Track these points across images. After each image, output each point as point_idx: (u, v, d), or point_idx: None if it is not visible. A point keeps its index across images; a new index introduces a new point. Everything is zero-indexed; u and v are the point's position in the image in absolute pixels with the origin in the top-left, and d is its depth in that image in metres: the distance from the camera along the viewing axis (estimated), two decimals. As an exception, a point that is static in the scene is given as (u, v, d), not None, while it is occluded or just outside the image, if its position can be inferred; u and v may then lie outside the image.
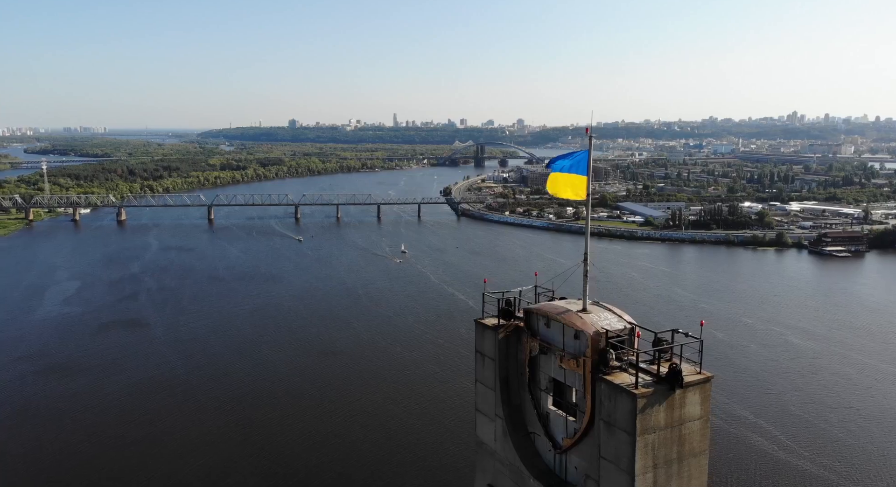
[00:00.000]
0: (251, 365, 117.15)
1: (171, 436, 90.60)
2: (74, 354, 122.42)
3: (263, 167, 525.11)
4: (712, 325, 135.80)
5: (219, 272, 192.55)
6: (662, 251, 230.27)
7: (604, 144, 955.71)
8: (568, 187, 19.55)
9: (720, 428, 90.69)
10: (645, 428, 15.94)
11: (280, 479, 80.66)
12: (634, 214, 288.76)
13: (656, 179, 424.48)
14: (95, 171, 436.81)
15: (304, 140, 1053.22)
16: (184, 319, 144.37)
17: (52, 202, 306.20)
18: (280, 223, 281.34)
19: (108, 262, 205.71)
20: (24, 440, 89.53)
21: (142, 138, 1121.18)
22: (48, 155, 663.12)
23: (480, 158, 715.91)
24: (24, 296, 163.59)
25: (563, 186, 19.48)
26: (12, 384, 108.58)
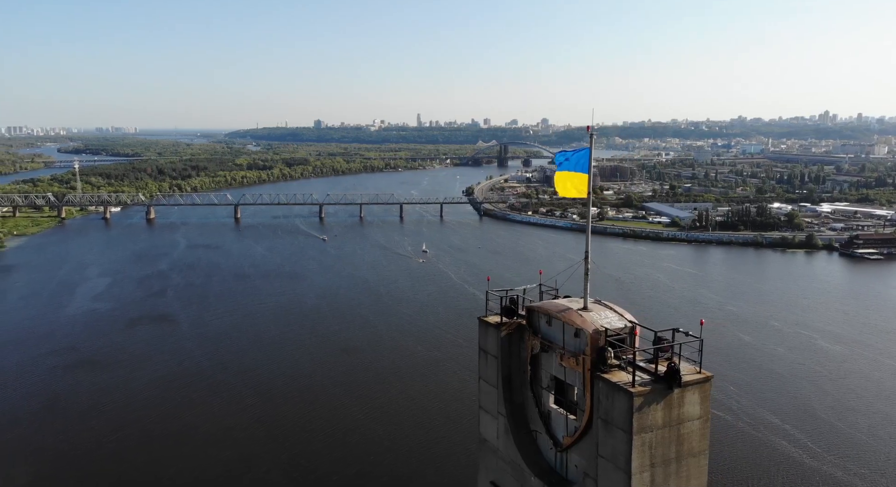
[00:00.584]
0: (274, 361, 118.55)
1: (195, 431, 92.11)
2: (103, 349, 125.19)
3: (289, 167, 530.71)
4: (739, 328, 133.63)
5: (244, 270, 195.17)
6: (688, 252, 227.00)
7: (630, 144, 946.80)
8: (571, 185, 19.49)
9: (745, 432, 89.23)
10: (642, 427, 15.78)
11: (301, 474, 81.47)
12: (660, 215, 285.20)
13: (683, 179, 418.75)
14: (126, 171, 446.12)
15: (329, 140, 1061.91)
16: (209, 316, 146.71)
17: (84, 200, 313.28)
18: (304, 222, 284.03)
19: (136, 259, 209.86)
20: (52, 433, 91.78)
21: (171, 138, 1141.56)
22: (80, 154, 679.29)
23: (503, 158, 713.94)
24: (55, 292, 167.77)
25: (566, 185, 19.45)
26: (43, 377, 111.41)
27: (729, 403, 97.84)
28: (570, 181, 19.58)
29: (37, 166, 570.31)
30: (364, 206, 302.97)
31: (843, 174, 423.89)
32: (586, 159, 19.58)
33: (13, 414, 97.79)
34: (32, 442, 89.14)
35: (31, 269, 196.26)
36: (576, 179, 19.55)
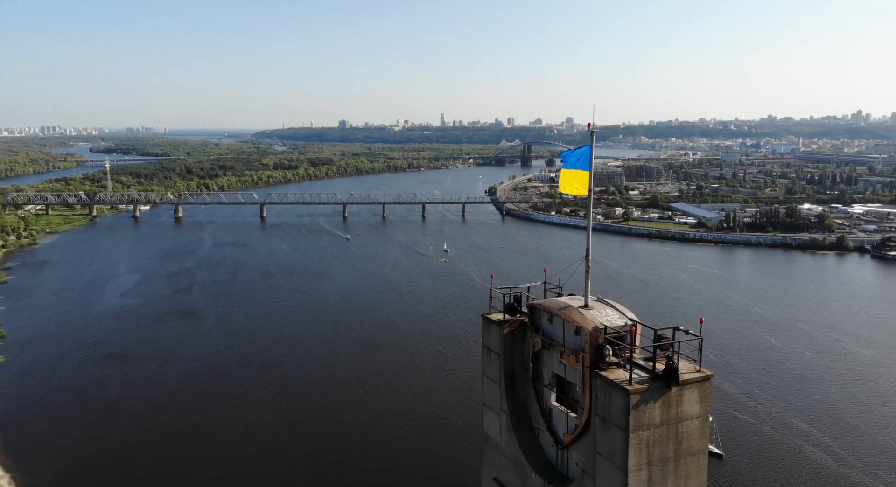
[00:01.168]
0: (297, 357, 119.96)
1: (219, 426, 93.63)
2: (131, 344, 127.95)
3: (314, 167, 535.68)
4: (766, 331, 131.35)
5: (269, 267, 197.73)
6: (715, 253, 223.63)
7: (656, 143, 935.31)
8: (575, 183, 19.58)
9: (770, 436, 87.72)
10: (639, 425, 15.71)
11: (321, 470, 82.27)
12: (686, 215, 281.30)
13: (710, 180, 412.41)
14: (155, 170, 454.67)
15: (354, 140, 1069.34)
16: (234, 312, 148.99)
17: (115, 199, 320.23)
18: (328, 221, 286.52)
19: (165, 257, 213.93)
20: (80, 426, 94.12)
21: (199, 138, 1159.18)
22: (111, 154, 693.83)
23: (527, 157, 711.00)
24: (86, 288, 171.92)
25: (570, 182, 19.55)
26: (73, 371, 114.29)
27: (754, 406, 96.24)
28: (573, 179, 19.69)
29: (69, 165, 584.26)
30: (387, 206, 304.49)
31: (876, 175, 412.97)
32: (587, 157, 19.64)
33: (44, 407, 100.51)
34: (61, 434, 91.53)
35: (63, 265, 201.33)
36: (578, 177, 19.64)
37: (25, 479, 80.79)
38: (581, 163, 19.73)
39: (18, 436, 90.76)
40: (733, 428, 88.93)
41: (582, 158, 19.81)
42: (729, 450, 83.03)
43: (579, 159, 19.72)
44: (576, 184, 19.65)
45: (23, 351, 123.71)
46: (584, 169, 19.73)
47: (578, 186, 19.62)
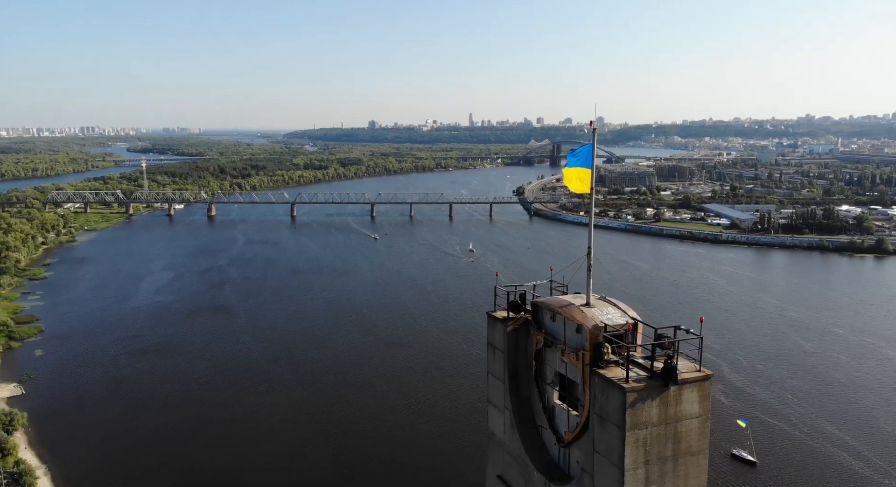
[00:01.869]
0: (323, 354, 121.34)
1: (248, 420, 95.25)
2: (164, 339, 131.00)
3: (343, 167, 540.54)
4: (800, 335, 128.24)
5: (299, 265, 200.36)
6: (749, 256, 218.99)
7: (689, 143, 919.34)
8: (578, 181, 19.72)
9: (802, 442, 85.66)
10: (636, 423, 15.57)
11: (346, 466, 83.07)
12: (719, 216, 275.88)
13: (745, 180, 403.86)
14: (190, 169, 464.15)
15: (383, 140, 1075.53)
16: (264, 309, 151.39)
17: (150, 197, 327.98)
18: (357, 220, 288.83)
19: (198, 254, 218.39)
20: (113, 418, 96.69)
21: (233, 138, 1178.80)
22: (148, 153, 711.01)
23: (556, 157, 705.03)
24: (121, 284, 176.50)
25: (574, 180, 19.72)
26: (107, 365, 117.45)
27: (786, 412, 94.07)
28: (577, 176, 19.81)
29: (107, 165, 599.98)
30: (414, 206, 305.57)
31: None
32: (590, 154, 19.75)
33: (79, 399, 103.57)
34: (95, 427, 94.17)
35: (99, 262, 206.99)
36: (581, 174, 19.77)
37: (60, 470, 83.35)
38: (583, 161, 19.82)
39: (54, 428, 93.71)
40: (766, 434, 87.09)
41: (586, 156, 19.90)
42: (762, 457, 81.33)
43: (583, 157, 19.81)
44: (579, 182, 19.78)
45: (60, 344, 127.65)
46: (586, 166, 19.80)
47: (581, 184, 19.75)
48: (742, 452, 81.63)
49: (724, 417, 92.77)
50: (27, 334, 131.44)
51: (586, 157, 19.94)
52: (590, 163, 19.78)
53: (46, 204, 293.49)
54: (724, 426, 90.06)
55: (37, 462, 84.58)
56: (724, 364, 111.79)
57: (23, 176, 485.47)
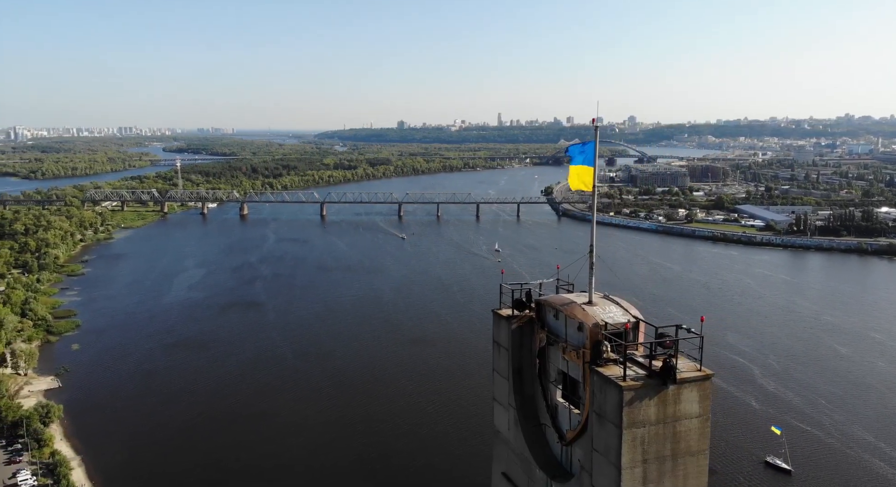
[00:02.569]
0: (350, 351, 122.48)
1: (276, 416, 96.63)
2: (196, 334, 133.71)
3: (372, 166, 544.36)
4: (835, 340, 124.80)
5: (327, 263, 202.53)
6: (784, 258, 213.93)
7: (723, 143, 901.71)
8: (581, 179, 19.52)
9: (835, 448, 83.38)
10: (633, 422, 15.36)
11: (370, 463, 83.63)
12: (754, 218, 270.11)
13: (780, 181, 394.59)
14: (223, 169, 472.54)
15: (411, 140, 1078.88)
16: (293, 305, 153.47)
17: (184, 196, 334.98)
18: (384, 220, 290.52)
19: (230, 251, 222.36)
20: (145, 411, 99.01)
21: (265, 138, 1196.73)
22: (183, 153, 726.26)
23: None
24: (156, 280, 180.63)
25: (577, 179, 19.55)
26: (141, 359, 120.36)
27: (819, 418, 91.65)
28: (580, 175, 19.64)
29: (144, 164, 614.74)
30: (441, 205, 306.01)
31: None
32: (592, 153, 19.54)
33: (113, 392, 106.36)
34: (129, 419, 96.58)
35: (135, 259, 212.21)
36: (583, 172, 19.59)
37: (94, 462, 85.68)
38: (586, 159, 19.65)
39: (88, 421, 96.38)
40: (800, 441, 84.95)
41: (589, 154, 19.70)
42: (797, 465, 79.36)
43: (587, 155, 19.63)
44: (583, 180, 19.63)
45: (96, 338, 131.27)
46: (589, 165, 19.61)
47: (584, 182, 19.59)
48: (776, 460, 79.77)
49: (757, 423, 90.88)
50: (65, 328, 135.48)
51: (589, 155, 19.77)
52: (592, 162, 19.61)
53: (85, 202, 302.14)
54: (757, 432, 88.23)
55: (71, 453, 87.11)
56: (756, 368, 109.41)
57: (63, 175, 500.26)
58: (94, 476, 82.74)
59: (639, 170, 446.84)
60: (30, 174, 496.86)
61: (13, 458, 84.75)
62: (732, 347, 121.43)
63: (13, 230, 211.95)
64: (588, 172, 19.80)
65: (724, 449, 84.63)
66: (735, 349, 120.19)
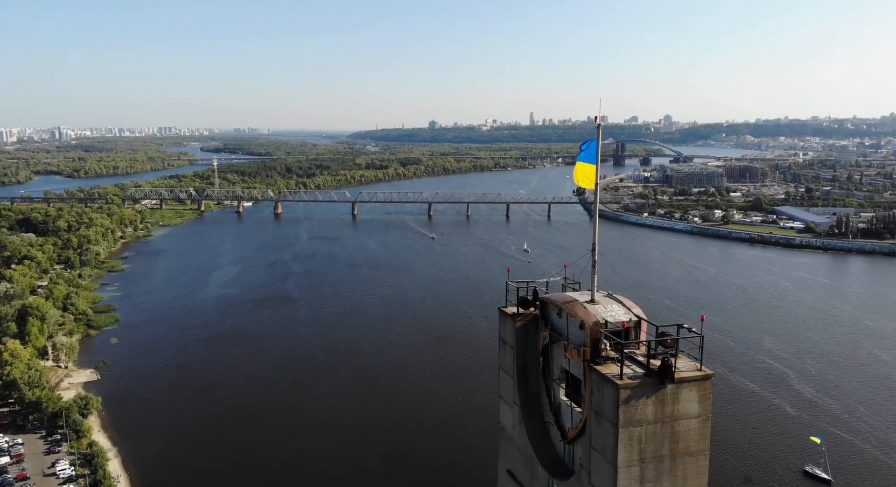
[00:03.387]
0: (378, 348, 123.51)
1: (306, 410, 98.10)
2: (229, 329, 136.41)
3: (403, 166, 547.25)
4: (876, 345, 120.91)
5: (357, 261, 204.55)
6: (824, 261, 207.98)
7: (762, 143, 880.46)
8: (585, 177, 19.65)
9: (876, 459, 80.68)
10: (629, 420, 15.22)
11: (394, 460, 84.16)
12: (793, 220, 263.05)
13: (822, 182, 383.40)
14: (258, 169, 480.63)
15: (443, 140, 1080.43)
16: (324, 302, 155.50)
17: (220, 195, 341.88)
18: (414, 219, 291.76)
19: (264, 249, 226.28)
20: (179, 404, 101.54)
21: (299, 139, 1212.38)
22: (220, 153, 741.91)
23: (620, 156, 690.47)
24: (192, 276, 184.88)
25: (582, 176, 19.69)
26: (176, 352, 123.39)
27: (858, 426, 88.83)
28: (584, 172, 19.75)
29: (182, 164, 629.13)
30: (471, 205, 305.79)
31: None
32: (594, 150, 19.63)
33: (149, 385, 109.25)
34: (164, 411, 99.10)
35: (173, 256, 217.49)
36: (587, 170, 19.68)
37: (129, 453, 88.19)
38: (589, 157, 19.75)
39: (125, 412, 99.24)
40: (839, 450, 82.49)
41: (591, 152, 19.79)
42: (836, 475, 77.11)
43: (590, 153, 19.73)
44: (586, 177, 19.78)
45: (134, 332, 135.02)
46: (591, 162, 19.70)
47: (588, 179, 19.74)
48: (816, 469, 77.61)
49: (794, 430, 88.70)
50: (104, 323, 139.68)
51: (592, 153, 19.85)
52: (594, 159, 19.69)
53: (125, 200, 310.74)
54: (793, 439, 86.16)
55: (108, 444, 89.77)
56: (792, 372, 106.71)
57: (105, 173, 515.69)
58: (130, 467, 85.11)
59: (674, 170, 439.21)
60: (73, 172, 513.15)
61: (52, 448, 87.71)
62: (768, 351, 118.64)
63: (57, 227, 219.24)
64: (591, 170, 19.82)
65: (760, 457, 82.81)
66: (770, 353, 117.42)
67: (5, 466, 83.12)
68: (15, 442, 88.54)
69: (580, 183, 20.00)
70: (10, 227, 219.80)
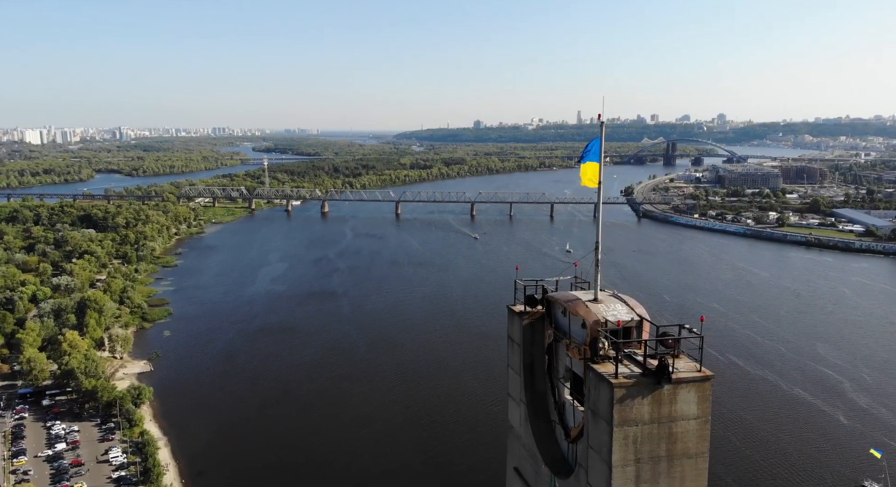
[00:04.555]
0: (419, 345, 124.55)
1: (347, 405, 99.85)
2: (277, 323, 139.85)
3: (447, 166, 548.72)
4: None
5: (399, 259, 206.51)
6: (885, 266, 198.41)
7: (822, 142, 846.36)
8: (589, 175, 19.47)
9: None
10: (624, 420, 14.99)
11: (432, 458, 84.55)
12: (853, 223, 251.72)
13: (885, 183, 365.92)
14: (307, 168, 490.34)
15: (487, 140, 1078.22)
16: (367, 299, 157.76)
17: (270, 194, 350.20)
18: (456, 219, 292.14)
19: (310, 246, 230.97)
20: (226, 397, 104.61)
21: (347, 139, 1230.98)
22: (270, 153, 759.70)
23: (671, 156, 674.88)
24: (242, 272, 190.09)
25: (587, 175, 19.55)
26: (225, 346, 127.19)
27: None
28: (589, 171, 19.56)
29: (234, 163, 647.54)
30: (514, 205, 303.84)
31: None
32: (598, 149, 19.43)
33: (199, 377, 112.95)
34: (212, 403, 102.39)
35: (224, 252, 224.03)
36: (590, 169, 19.47)
37: (178, 442, 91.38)
38: (594, 156, 19.55)
39: (176, 403, 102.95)
40: None
41: (595, 151, 19.59)
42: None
43: (594, 152, 19.56)
44: (589, 176, 19.62)
45: (186, 325, 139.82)
46: (594, 161, 19.51)
47: (591, 179, 19.56)
48: (875, 485, 74.14)
49: (850, 443, 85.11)
50: (158, 316, 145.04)
51: (595, 152, 19.69)
52: (598, 157, 19.53)
53: (180, 198, 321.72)
54: (849, 452, 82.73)
55: (159, 433, 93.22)
56: (846, 381, 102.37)
57: (161, 172, 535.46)
58: (178, 456, 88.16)
59: (727, 171, 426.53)
60: (132, 171, 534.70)
61: (106, 436, 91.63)
62: (821, 358, 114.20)
63: (115, 223, 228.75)
64: (595, 169, 19.67)
65: (813, 469, 79.83)
66: (824, 360, 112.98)
67: (62, 452, 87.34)
68: (71, 429, 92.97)
69: (586, 183, 19.88)
70: (72, 223, 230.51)
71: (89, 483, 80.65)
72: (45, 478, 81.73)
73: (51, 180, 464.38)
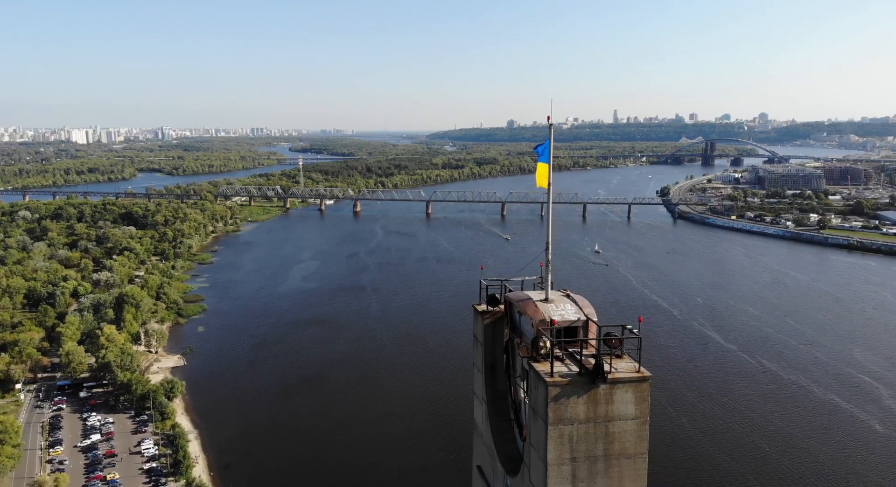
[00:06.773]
0: (444, 345, 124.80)
1: (372, 403, 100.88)
2: (307, 320, 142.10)
3: (478, 166, 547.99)
4: None
5: (428, 257, 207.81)
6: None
7: (868, 142, 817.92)
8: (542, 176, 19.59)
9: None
10: (559, 418, 15.01)
11: (453, 461, 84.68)
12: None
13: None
14: (341, 168, 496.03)
15: (521, 139, 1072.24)
16: (395, 297, 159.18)
17: (305, 193, 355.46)
18: (486, 218, 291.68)
19: (342, 244, 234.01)
20: (256, 392, 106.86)
21: (381, 139, 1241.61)
22: (306, 153, 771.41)
23: (709, 156, 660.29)
24: (276, 269, 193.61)
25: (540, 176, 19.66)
26: (257, 342, 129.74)
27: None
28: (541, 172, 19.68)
29: (271, 163, 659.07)
30: (545, 205, 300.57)
31: None
32: (548, 150, 19.39)
33: (230, 372, 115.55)
34: (242, 398, 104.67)
35: (259, 249, 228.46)
36: (543, 170, 19.57)
37: (208, 435, 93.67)
38: (543, 158, 19.60)
39: (207, 397, 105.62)
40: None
41: (545, 152, 19.57)
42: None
43: (545, 152, 19.59)
44: (542, 176, 19.72)
45: (219, 321, 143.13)
46: (544, 162, 19.56)
47: (542, 179, 19.66)
48: None
49: (884, 451, 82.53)
50: (193, 311, 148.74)
51: (545, 154, 19.75)
52: (547, 159, 19.59)
53: (217, 197, 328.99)
54: (883, 460, 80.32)
55: (190, 426, 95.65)
56: (883, 388, 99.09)
57: (201, 171, 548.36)
58: (208, 449, 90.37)
59: (767, 171, 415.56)
60: (173, 170, 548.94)
61: (139, 428, 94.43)
62: (858, 364, 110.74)
63: (155, 221, 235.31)
64: (545, 170, 19.77)
65: (846, 477, 77.55)
66: (861, 366, 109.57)
67: (96, 443, 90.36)
68: (106, 421, 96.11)
69: (540, 184, 20.01)
70: (113, 221, 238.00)
71: (121, 473, 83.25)
72: (79, 468, 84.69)
73: (95, 179, 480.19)
